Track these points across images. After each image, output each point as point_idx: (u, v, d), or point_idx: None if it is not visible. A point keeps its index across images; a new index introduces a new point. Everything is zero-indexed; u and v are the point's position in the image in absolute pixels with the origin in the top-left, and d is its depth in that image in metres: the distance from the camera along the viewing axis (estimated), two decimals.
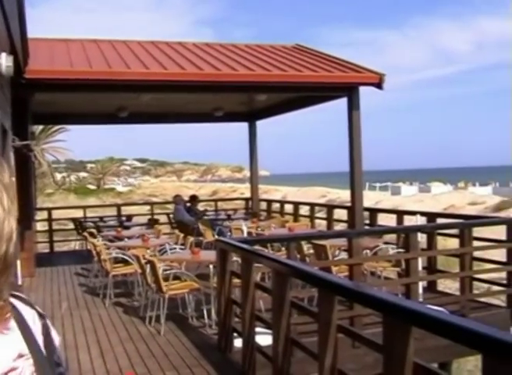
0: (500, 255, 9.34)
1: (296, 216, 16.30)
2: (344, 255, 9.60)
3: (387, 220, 14.24)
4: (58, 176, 65.34)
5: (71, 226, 17.92)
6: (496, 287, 9.86)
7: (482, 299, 9.59)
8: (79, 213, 18.36)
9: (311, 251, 9.64)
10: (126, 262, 10.25)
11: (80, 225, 16.40)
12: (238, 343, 6.89)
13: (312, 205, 16.11)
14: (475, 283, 10.53)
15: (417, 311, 3.13)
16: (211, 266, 8.56)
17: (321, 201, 35.19)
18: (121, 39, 13.57)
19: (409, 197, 40.31)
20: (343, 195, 34.10)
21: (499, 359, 2.55)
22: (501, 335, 2.47)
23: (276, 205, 18.46)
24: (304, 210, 17.28)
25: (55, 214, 18.00)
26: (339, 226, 15.76)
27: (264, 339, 6.32)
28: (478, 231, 11.92)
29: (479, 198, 33.32)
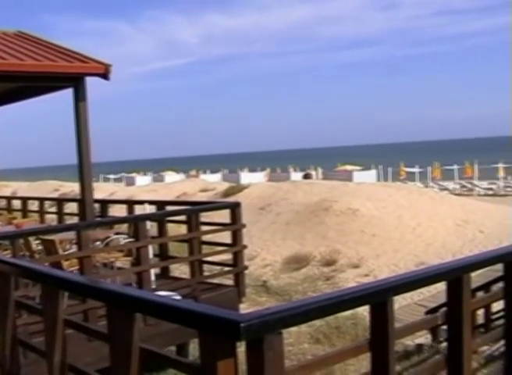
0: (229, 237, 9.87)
1: (25, 211, 15.59)
2: (76, 249, 9.41)
3: (121, 211, 14.25)
4: None
5: None
6: (226, 268, 10.41)
7: (215, 281, 10.06)
8: None
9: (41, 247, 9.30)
10: None
11: None
12: None
13: (41, 200, 15.54)
14: (209, 266, 11.03)
15: (136, 297, 3.19)
16: None
17: (55, 195, 34.03)
18: None
19: (143, 187, 40.65)
20: (77, 188, 33.30)
21: (211, 333, 2.71)
22: (210, 311, 2.62)
23: (3, 202, 17.52)
24: (35, 205, 16.60)
25: None
26: (72, 220, 15.41)
27: None
28: (208, 216, 12.42)
29: (210, 184, 34.69)
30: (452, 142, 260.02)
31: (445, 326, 4.28)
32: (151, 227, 9.58)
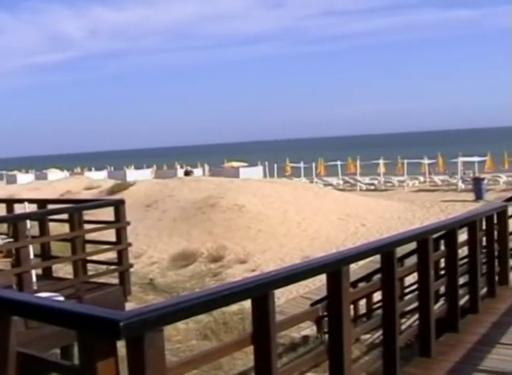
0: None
1: None
2: None
3: (0, 211, 13.68)
4: None
5: None
6: (112, 267, 10.22)
7: (101, 280, 9.85)
8: None
9: None
10: None
11: None
12: None
13: None
14: (95, 265, 10.78)
15: (11, 300, 3.07)
16: None
17: None
18: None
19: (25, 185, 39.35)
20: None
21: (91, 333, 2.65)
22: (88, 311, 2.56)
23: None
24: None
25: None
26: None
27: None
28: (93, 214, 12.15)
29: (95, 182, 34.08)
30: (338, 139, 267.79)
31: None
32: (32, 227, 9.26)
